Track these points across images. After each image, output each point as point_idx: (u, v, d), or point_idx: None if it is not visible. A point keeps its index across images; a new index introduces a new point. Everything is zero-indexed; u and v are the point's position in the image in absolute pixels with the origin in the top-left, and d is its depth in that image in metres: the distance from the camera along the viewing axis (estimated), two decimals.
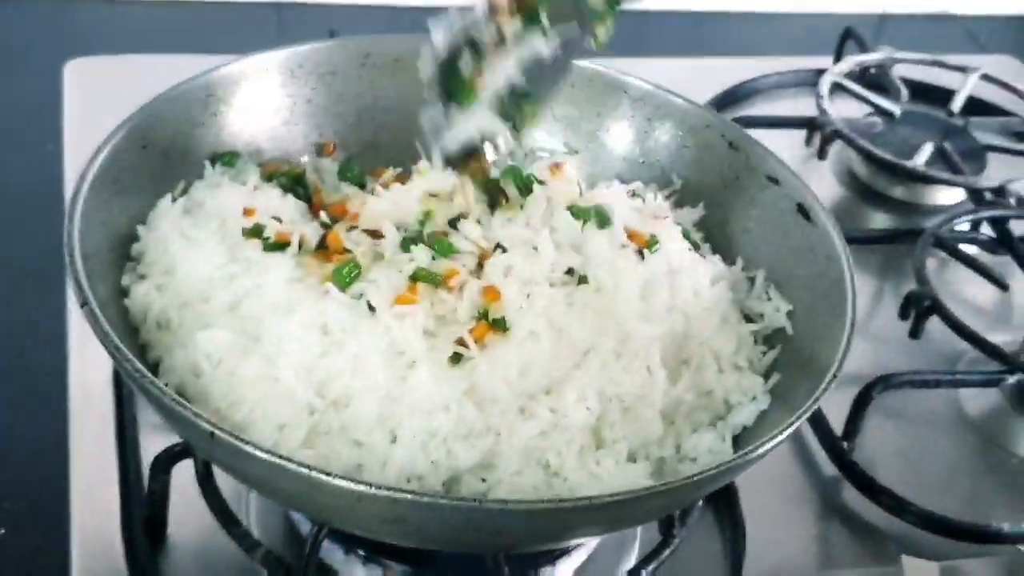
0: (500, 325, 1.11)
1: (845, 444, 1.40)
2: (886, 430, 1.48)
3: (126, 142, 1.20)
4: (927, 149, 1.82)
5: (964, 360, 1.59)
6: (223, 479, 1.13)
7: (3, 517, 1.24)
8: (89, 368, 1.31)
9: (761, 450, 1.03)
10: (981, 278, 1.67)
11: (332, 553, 1.14)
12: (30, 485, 1.27)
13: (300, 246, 1.18)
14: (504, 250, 1.17)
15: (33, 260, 1.51)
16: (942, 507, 1.35)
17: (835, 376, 1.11)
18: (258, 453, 0.94)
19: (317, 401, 1.06)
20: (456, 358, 1.09)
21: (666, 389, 1.15)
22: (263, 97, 1.35)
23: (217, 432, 0.95)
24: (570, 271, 1.17)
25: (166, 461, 1.17)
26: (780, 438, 1.04)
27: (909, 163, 1.79)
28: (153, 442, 1.23)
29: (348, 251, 1.17)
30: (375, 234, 1.18)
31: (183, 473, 1.18)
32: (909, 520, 1.34)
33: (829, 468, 1.41)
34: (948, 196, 1.85)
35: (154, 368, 1.13)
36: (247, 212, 1.22)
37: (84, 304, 1.03)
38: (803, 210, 1.30)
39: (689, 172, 1.41)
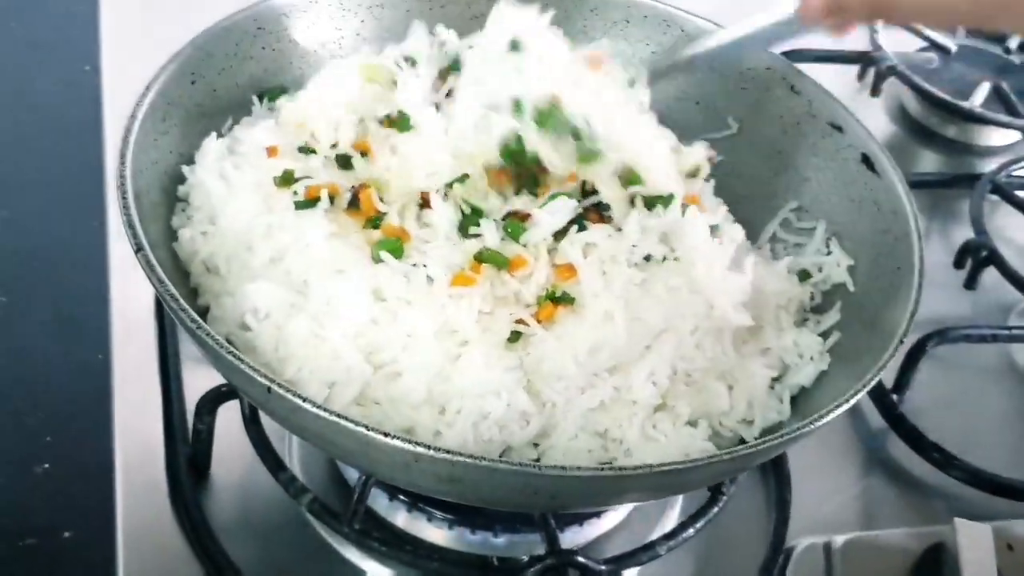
0: (567, 300, 1.10)
1: (895, 397, 1.38)
2: (936, 382, 1.45)
3: (176, 77, 1.19)
4: (984, 88, 1.79)
5: (1016, 310, 1.57)
6: (269, 422, 1.12)
7: (46, 452, 1.23)
8: (130, 297, 1.30)
9: (822, 421, 1.02)
10: None
11: (377, 499, 1.14)
12: (72, 419, 1.26)
13: (332, 200, 1.16)
14: (582, 227, 1.15)
15: (72, 184, 1.48)
16: (992, 463, 1.34)
17: (901, 342, 1.09)
18: (316, 411, 0.93)
19: (366, 367, 1.05)
20: (515, 337, 1.08)
21: (732, 357, 1.14)
22: (312, 30, 1.32)
23: (274, 387, 0.94)
24: (648, 257, 1.15)
25: (212, 402, 1.16)
26: (843, 407, 1.03)
27: (966, 104, 1.76)
28: (197, 377, 1.22)
29: (382, 214, 1.15)
30: (424, 201, 1.16)
31: (228, 412, 1.17)
32: (957, 476, 1.33)
33: (877, 420, 1.39)
34: (1003, 137, 1.82)
35: (203, 314, 1.12)
36: (270, 152, 1.20)
37: (139, 250, 1.02)
38: (868, 161, 1.27)
39: (746, 116, 1.39)
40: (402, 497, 1.13)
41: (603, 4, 1.41)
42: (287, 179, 1.16)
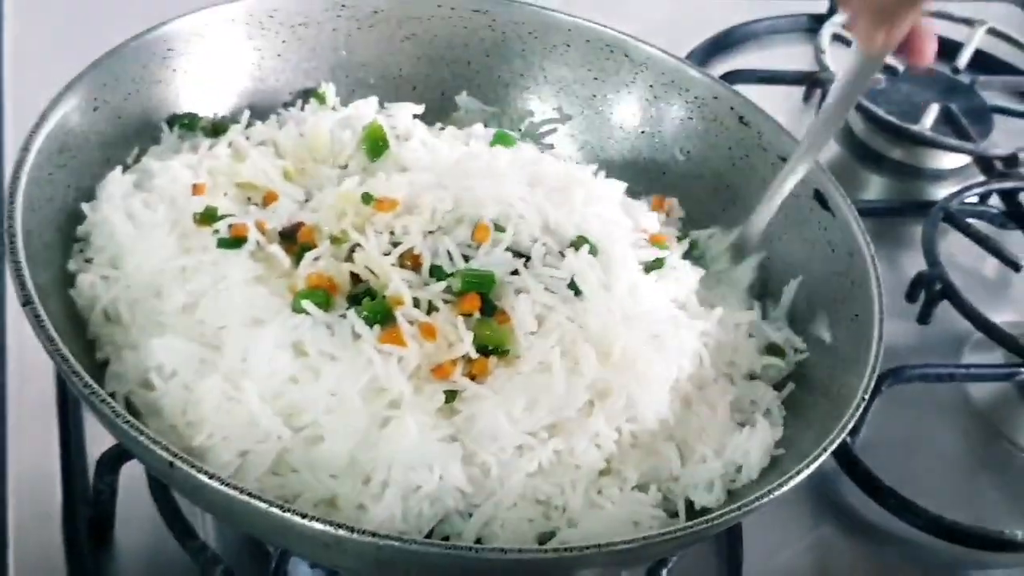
0: (501, 353, 1.02)
1: (849, 439, 1.28)
2: (890, 421, 1.35)
3: (76, 104, 1.10)
4: (933, 110, 1.72)
5: (970, 343, 1.49)
6: None
7: None
8: (28, 348, 1.18)
9: (783, 488, 0.96)
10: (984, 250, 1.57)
11: (297, 565, 1.06)
12: None
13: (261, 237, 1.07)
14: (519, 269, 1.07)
15: None
16: (948, 505, 1.26)
17: (863, 400, 1.02)
18: (226, 489, 0.85)
19: (284, 431, 0.96)
20: (450, 396, 0.99)
21: (681, 418, 1.07)
22: (228, 51, 1.23)
23: (177, 462, 0.86)
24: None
25: (114, 459, 1.07)
26: (804, 473, 0.97)
27: (915, 127, 1.69)
28: (100, 433, 1.08)
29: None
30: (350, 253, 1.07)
31: (134, 468, 1.07)
32: (915, 524, 1.25)
33: (829, 462, 1.26)
34: (952, 161, 1.75)
35: (102, 368, 1.02)
36: (196, 189, 1.11)
37: (26, 303, 0.93)
38: (820, 197, 1.21)
39: (694, 147, 1.31)
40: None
41: (543, 28, 1.33)
42: (209, 216, 1.07)
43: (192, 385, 0.97)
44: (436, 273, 1.05)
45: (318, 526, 0.83)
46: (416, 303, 1.02)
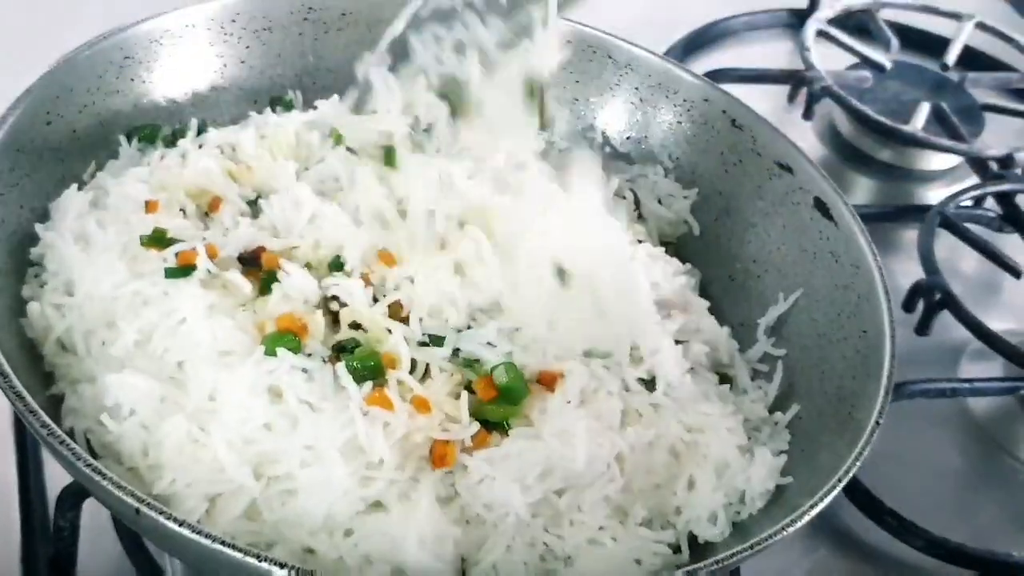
0: (502, 429, 0.97)
1: None
2: (889, 438, 1.29)
3: (26, 118, 1.04)
4: (924, 109, 1.68)
5: (967, 352, 1.45)
6: None
7: None
8: None
9: (794, 527, 0.91)
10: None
11: None
12: None
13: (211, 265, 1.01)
14: None
15: None
16: (948, 523, 1.21)
17: (877, 424, 0.97)
18: (199, 538, 0.79)
19: (252, 484, 0.90)
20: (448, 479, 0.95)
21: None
22: (189, 59, 1.18)
23: (144, 509, 0.80)
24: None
25: (76, 495, 1.01)
26: (809, 515, 0.92)
27: (907, 127, 1.64)
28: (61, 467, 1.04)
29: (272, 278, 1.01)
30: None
31: (96, 505, 0.98)
32: (917, 546, 1.20)
33: None
34: (942, 161, 1.71)
35: (58, 403, 0.97)
36: (149, 207, 1.05)
37: None
38: (822, 206, 1.16)
39: (683, 153, 1.27)
40: None
41: None
42: (158, 239, 1.02)
43: (152, 425, 0.92)
44: (434, 341, 1.00)
45: None
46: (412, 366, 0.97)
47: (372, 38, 1.19)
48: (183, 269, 0.99)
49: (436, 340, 1.00)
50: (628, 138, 1.28)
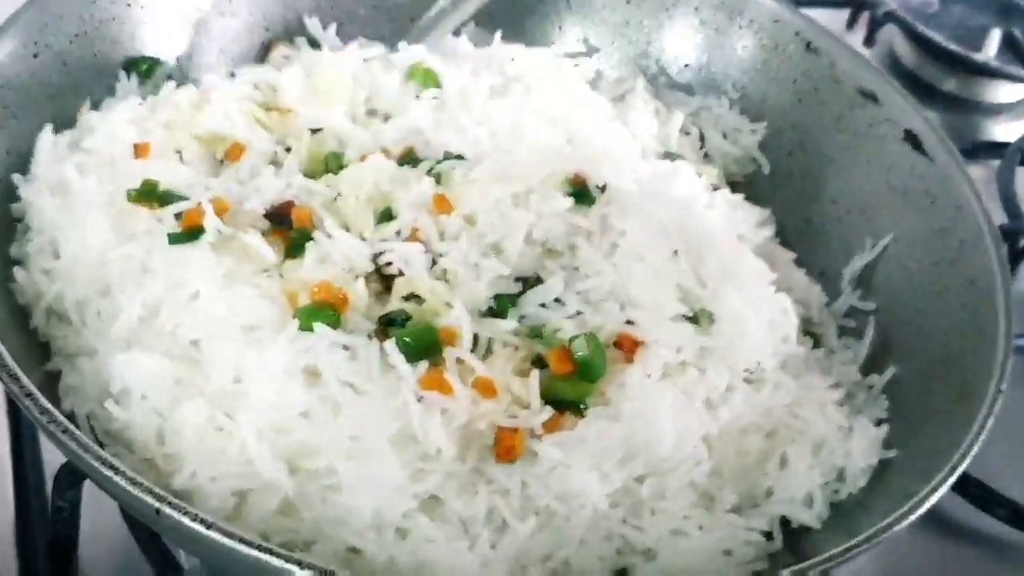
0: (577, 410, 0.85)
1: None
2: None
3: (10, 49, 0.93)
4: (995, 36, 1.56)
5: None
6: None
7: None
8: None
9: (910, 518, 0.80)
10: None
11: None
12: None
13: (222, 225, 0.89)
14: None
15: None
16: None
17: (999, 392, 0.85)
18: (230, 542, 0.69)
19: (287, 482, 0.79)
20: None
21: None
22: None
23: (166, 509, 0.70)
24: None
25: (75, 473, 0.91)
26: (934, 497, 0.81)
27: (978, 56, 1.52)
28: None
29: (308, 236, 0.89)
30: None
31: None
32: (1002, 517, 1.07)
33: None
34: (1011, 93, 1.59)
35: (55, 379, 0.86)
36: (139, 150, 0.94)
37: None
38: (913, 139, 1.05)
39: (750, 81, 1.16)
40: None
41: None
42: (147, 192, 0.90)
43: (167, 410, 0.82)
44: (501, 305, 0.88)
45: None
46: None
47: None
48: (189, 233, 0.87)
49: (499, 306, 0.88)
50: (686, 66, 1.17)
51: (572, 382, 0.85)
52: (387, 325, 0.85)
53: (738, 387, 0.90)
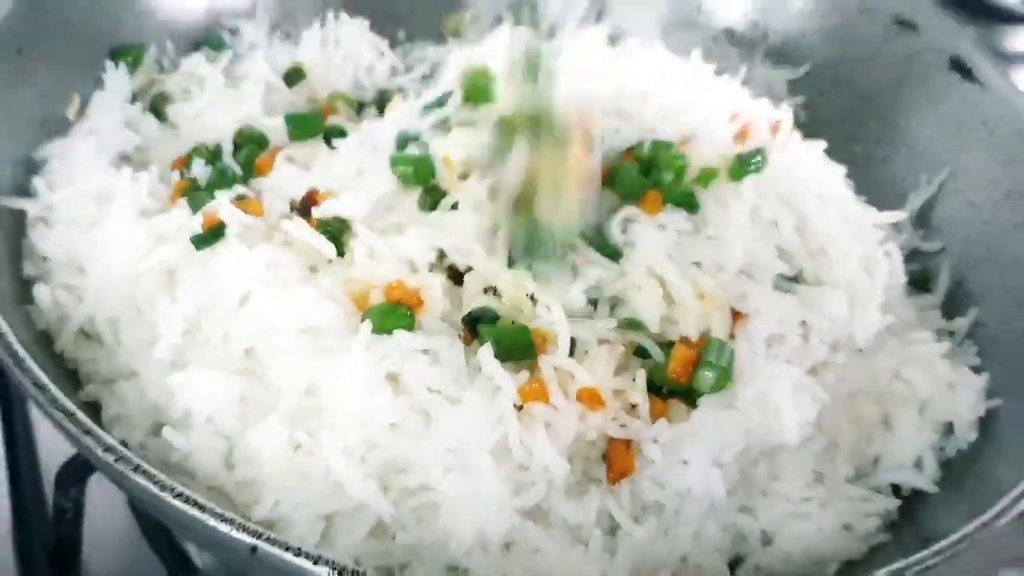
0: (690, 397, 0.81)
1: None
2: None
3: None
4: None
5: None
6: None
7: None
8: None
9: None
10: None
11: None
12: None
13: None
14: None
15: None
16: None
17: None
18: None
19: (385, 507, 0.74)
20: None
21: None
22: None
23: (263, 546, 0.64)
24: None
25: (79, 470, 0.89)
26: None
27: None
28: (55, 441, 0.91)
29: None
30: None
31: (98, 482, 0.90)
32: None
33: None
34: None
35: (93, 409, 0.80)
36: (177, 164, 0.91)
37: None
38: (960, 66, 1.02)
39: (772, 24, 1.12)
40: None
41: None
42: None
43: (236, 434, 0.77)
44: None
45: None
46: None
47: None
48: (212, 234, 0.83)
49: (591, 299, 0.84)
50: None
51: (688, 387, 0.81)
52: (472, 325, 0.80)
53: (840, 350, 0.86)
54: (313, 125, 0.94)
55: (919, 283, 1.00)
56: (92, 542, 0.96)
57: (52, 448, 0.95)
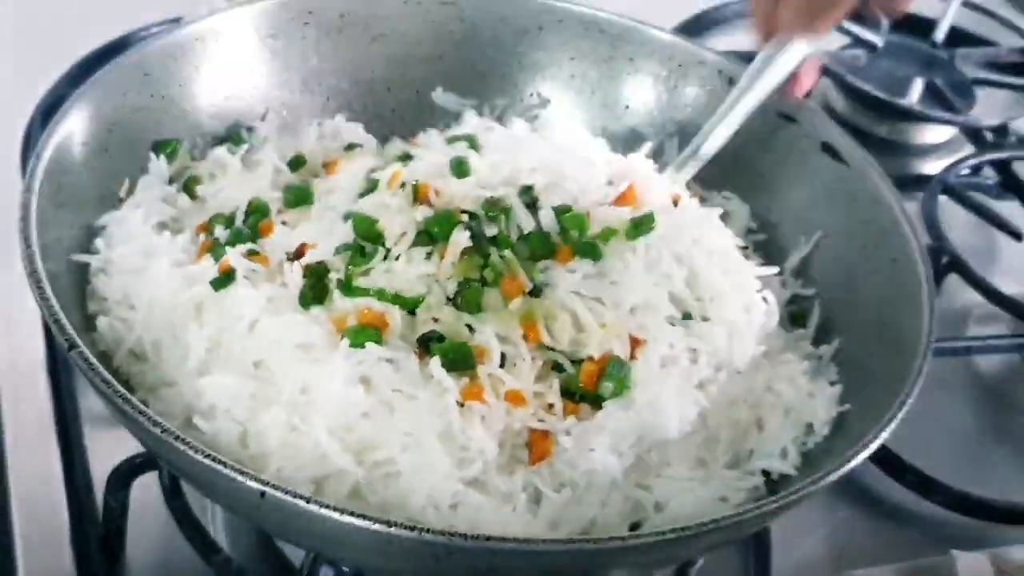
0: (594, 400, 1.05)
1: None
2: None
3: (65, 140, 1.10)
4: (917, 85, 1.82)
5: (975, 316, 1.56)
6: (192, 495, 1.10)
7: None
8: (18, 357, 1.25)
9: (872, 447, 0.98)
10: (977, 222, 1.65)
11: None
12: None
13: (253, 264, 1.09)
14: None
15: None
16: (964, 480, 1.30)
17: (928, 345, 1.05)
18: (328, 512, 0.85)
19: (357, 470, 0.98)
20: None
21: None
22: (201, 72, 1.25)
23: (269, 491, 0.86)
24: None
25: (126, 475, 1.09)
26: (888, 429, 0.99)
27: (904, 101, 1.78)
28: (102, 441, 1.17)
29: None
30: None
31: (141, 482, 1.10)
32: (941, 503, 1.29)
33: None
34: (937, 135, 1.84)
35: None
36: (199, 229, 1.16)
37: (72, 347, 0.94)
38: (830, 149, 1.26)
39: (683, 116, 1.36)
40: None
41: (512, 12, 1.37)
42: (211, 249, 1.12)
43: (248, 420, 1.00)
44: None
45: (429, 537, 0.85)
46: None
47: (370, 36, 1.32)
48: (225, 277, 1.06)
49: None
50: (627, 107, 1.37)
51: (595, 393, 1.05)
52: (425, 344, 1.03)
53: (723, 370, 1.10)
54: (302, 195, 1.16)
55: (797, 320, 1.22)
56: (135, 534, 1.12)
57: (101, 459, 1.13)
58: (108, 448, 1.11)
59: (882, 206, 1.19)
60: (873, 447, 0.98)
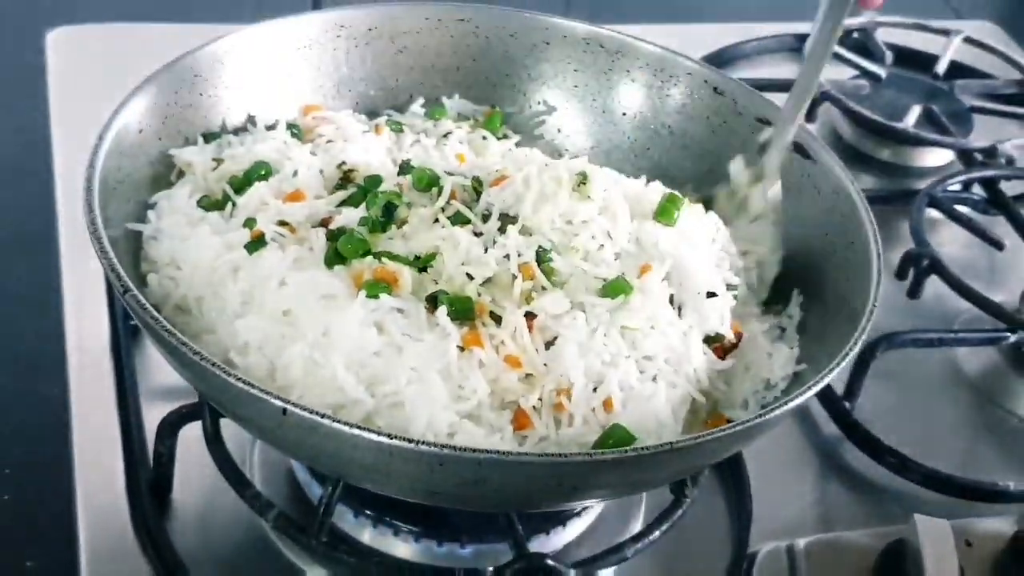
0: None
1: (847, 404, 1.49)
2: (885, 389, 1.56)
3: (125, 125, 1.27)
4: (915, 111, 2.01)
5: (959, 320, 1.73)
6: (230, 441, 1.22)
7: (6, 483, 1.32)
8: (86, 334, 1.42)
9: (809, 393, 1.12)
10: (972, 238, 1.79)
11: (342, 515, 1.23)
12: (32, 450, 1.36)
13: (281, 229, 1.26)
14: None
15: (23, 227, 1.63)
16: (942, 466, 1.43)
17: (873, 308, 1.21)
18: (337, 425, 0.98)
19: (368, 399, 1.10)
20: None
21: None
22: (246, 75, 1.42)
23: (291, 408, 0.99)
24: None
25: (173, 424, 1.23)
26: (826, 380, 1.13)
27: (899, 124, 1.98)
28: (152, 407, 1.31)
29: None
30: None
31: (185, 435, 1.24)
32: (914, 479, 1.43)
33: (830, 428, 1.50)
34: (936, 158, 2.02)
35: None
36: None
37: (125, 291, 1.10)
38: (799, 148, 1.42)
39: (675, 121, 1.52)
40: (368, 512, 1.22)
41: (522, 29, 1.54)
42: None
43: (275, 356, 1.12)
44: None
45: (424, 448, 0.97)
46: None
47: (395, 48, 1.49)
48: (257, 242, 1.23)
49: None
50: (624, 115, 1.53)
51: None
52: (432, 301, 1.18)
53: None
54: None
55: (775, 297, 1.38)
56: (181, 479, 1.28)
57: (152, 410, 1.30)
58: (157, 414, 1.25)
59: (842, 196, 1.34)
60: (815, 390, 1.11)
